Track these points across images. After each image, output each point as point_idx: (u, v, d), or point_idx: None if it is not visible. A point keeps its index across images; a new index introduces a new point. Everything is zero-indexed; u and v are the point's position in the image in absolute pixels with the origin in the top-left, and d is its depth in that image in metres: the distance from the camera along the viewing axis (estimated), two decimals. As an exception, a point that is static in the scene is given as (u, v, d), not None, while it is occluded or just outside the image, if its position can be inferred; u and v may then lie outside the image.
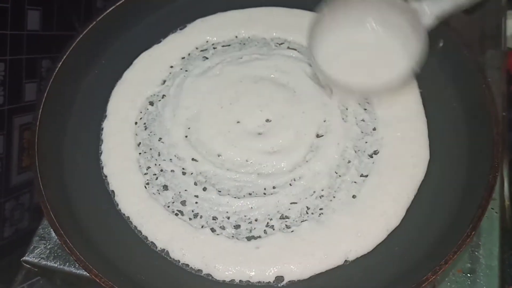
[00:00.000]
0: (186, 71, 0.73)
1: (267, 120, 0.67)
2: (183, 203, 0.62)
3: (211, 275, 0.57)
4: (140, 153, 0.66)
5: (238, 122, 0.67)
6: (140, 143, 0.67)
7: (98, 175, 0.65)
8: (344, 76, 0.63)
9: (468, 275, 0.60)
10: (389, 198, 0.60)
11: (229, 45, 0.75)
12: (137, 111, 0.70)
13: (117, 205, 0.62)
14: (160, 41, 0.76)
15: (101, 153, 0.66)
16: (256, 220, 0.60)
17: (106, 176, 0.64)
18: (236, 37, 0.76)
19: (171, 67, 0.74)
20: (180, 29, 0.77)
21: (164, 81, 0.72)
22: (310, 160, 0.63)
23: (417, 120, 0.65)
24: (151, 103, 0.70)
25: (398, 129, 0.65)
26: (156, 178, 0.64)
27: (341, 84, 0.63)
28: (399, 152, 0.63)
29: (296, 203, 0.61)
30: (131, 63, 0.74)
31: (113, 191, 0.63)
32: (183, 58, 0.75)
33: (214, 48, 0.75)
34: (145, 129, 0.68)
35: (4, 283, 0.73)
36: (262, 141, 0.65)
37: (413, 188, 0.61)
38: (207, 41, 0.76)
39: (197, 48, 0.75)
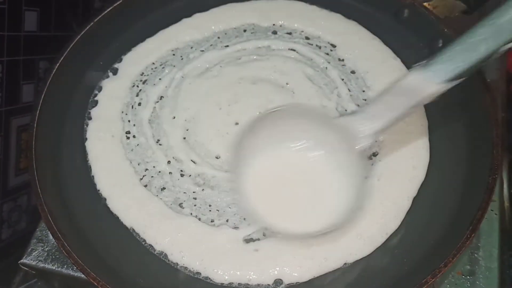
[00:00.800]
0: (181, 58, 0.73)
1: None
2: (181, 205, 0.62)
3: (209, 278, 0.57)
4: (137, 155, 0.66)
5: (236, 123, 0.67)
6: (138, 144, 0.67)
7: (96, 177, 0.65)
8: (271, 213, 0.55)
9: (468, 277, 0.60)
10: (388, 200, 0.59)
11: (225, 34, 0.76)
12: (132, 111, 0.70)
13: (113, 208, 0.62)
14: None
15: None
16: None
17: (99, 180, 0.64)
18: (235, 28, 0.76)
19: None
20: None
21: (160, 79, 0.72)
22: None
23: (417, 122, 0.65)
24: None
25: (398, 131, 0.64)
26: (154, 180, 0.64)
27: (268, 226, 0.55)
28: (399, 154, 0.63)
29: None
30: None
31: (108, 195, 0.63)
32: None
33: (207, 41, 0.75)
34: (142, 130, 0.68)
35: (2, 285, 0.72)
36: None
37: (413, 190, 0.60)
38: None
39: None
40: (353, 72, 0.70)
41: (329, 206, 0.54)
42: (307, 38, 0.74)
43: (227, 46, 0.74)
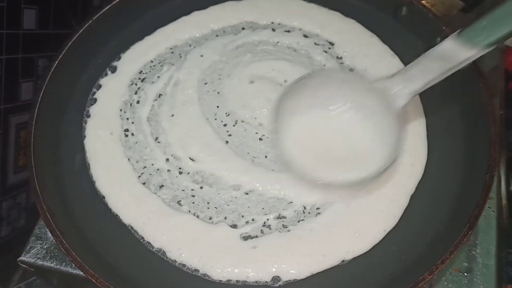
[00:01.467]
0: (180, 55, 0.73)
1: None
2: (180, 203, 0.62)
3: (207, 275, 0.57)
4: (135, 153, 0.66)
5: (235, 122, 0.67)
6: (136, 142, 0.67)
7: (94, 174, 0.65)
8: (312, 164, 0.57)
9: (465, 274, 0.60)
10: (386, 197, 0.60)
11: (224, 32, 0.76)
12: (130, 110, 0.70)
13: (112, 205, 0.62)
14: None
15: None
16: (252, 220, 0.60)
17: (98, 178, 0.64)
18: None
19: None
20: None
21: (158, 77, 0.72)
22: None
23: (415, 119, 0.65)
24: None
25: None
26: (153, 178, 0.64)
27: (308, 174, 0.57)
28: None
29: (292, 202, 0.61)
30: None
31: (107, 193, 0.63)
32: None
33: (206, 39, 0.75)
34: (141, 128, 0.68)
35: (1, 283, 0.72)
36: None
37: (410, 187, 0.61)
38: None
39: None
40: (351, 69, 0.70)
41: (365, 160, 0.57)
42: (305, 36, 0.74)
43: (225, 43, 0.74)
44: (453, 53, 0.52)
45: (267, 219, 0.60)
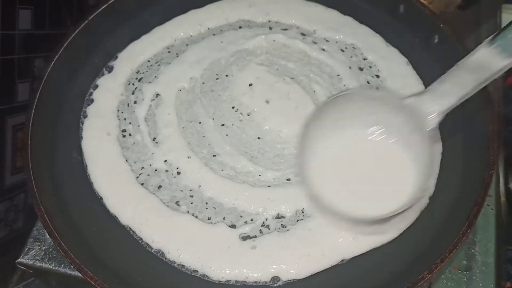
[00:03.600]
0: (177, 55, 0.73)
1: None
2: (178, 203, 0.62)
3: (207, 276, 0.57)
4: (133, 153, 0.66)
5: (232, 124, 0.67)
6: (134, 142, 0.67)
7: (92, 176, 0.65)
8: (339, 199, 0.53)
9: (464, 272, 0.60)
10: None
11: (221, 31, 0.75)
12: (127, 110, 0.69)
13: (110, 206, 0.62)
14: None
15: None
16: (251, 220, 0.60)
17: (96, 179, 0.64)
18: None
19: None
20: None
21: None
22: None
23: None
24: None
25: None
26: (151, 179, 0.64)
27: (335, 211, 0.54)
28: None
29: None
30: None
31: (105, 194, 0.63)
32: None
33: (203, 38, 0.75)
34: (138, 128, 0.68)
35: (0, 284, 0.72)
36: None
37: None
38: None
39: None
40: (349, 67, 0.70)
41: (398, 188, 0.53)
42: (302, 34, 0.74)
43: (222, 42, 0.74)
44: (487, 63, 0.48)
45: (266, 219, 0.60)
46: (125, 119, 0.68)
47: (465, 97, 0.51)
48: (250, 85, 0.69)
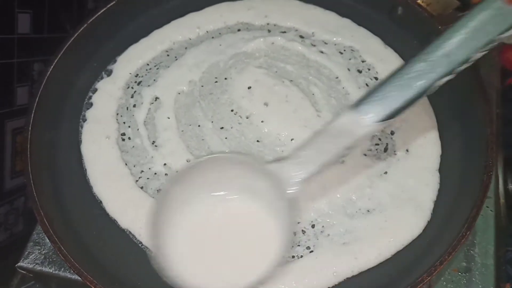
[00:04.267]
0: (176, 58, 0.73)
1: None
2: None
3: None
4: (133, 157, 0.66)
5: (231, 127, 0.67)
6: (133, 146, 0.67)
7: (91, 179, 0.65)
8: (199, 274, 0.50)
9: (464, 274, 0.60)
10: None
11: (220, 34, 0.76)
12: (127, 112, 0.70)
13: (110, 210, 0.62)
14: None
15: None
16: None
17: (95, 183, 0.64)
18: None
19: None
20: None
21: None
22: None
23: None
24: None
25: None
26: (150, 182, 0.64)
27: None
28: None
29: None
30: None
31: (104, 198, 0.63)
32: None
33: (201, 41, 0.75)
34: (137, 132, 0.68)
35: (0, 288, 0.72)
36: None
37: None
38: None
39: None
40: (348, 70, 0.70)
41: (260, 257, 0.50)
42: (301, 37, 0.74)
43: (220, 45, 0.74)
44: (350, 129, 0.47)
45: None
46: (124, 122, 0.69)
47: (329, 162, 0.48)
48: (249, 88, 0.69)
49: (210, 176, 0.52)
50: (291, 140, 0.64)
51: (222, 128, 0.67)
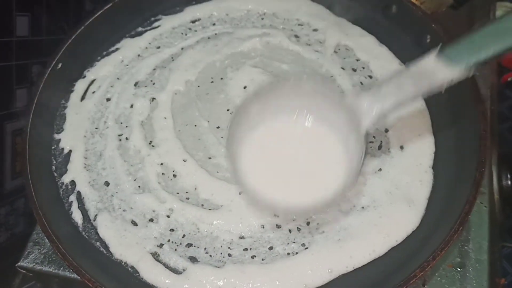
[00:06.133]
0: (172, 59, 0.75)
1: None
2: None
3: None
4: (129, 158, 0.67)
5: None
6: (130, 147, 0.67)
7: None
8: (270, 189, 0.52)
9: (458, 269, 0.60)
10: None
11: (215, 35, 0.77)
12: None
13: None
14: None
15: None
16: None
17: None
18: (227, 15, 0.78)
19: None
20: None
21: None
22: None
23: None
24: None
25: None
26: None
27: (265, 202, 0.52)
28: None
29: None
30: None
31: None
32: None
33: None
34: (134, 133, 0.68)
35: (2, 287, 0.73)
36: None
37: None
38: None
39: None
40: (343, 68, 0.71)
41: (327, 181, 0.52)
42: (296, 36, 0.75)
43: (216, 45, 0.75)
44: (432, 72, 0.47)
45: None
46: (121, 123, 0.69)
47: (404, 102, 0.49)
48: (245, 87, 0.70)
49: (288, 99, 0.54)
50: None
51: (218, 127, 0.67)
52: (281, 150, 0.55)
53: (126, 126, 0.69)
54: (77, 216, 0.63)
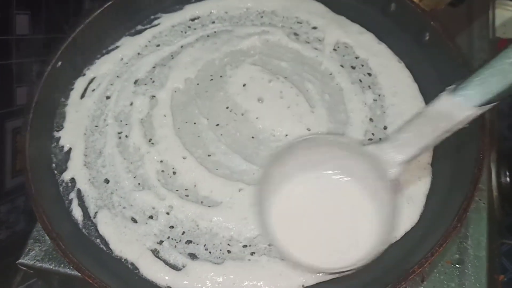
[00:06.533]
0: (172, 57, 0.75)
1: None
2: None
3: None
4: (129, 156, 0.67)
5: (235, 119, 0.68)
6: (129, 144, 0.68)
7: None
8: (301, 251, 0.51)
9: (457, 265, 0.61)
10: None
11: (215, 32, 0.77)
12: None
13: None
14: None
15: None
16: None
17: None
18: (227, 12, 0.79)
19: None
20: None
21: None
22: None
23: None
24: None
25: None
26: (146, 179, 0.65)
27: (294, 260, 0.52)
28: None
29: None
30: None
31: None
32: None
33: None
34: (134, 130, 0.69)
35: (2, 285, 0.73)
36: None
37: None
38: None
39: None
40: (342, 66, 0.71)
41: (359, 240, 0.52)
42: (295, 34, 0.75)
43: (215, 43, 0.75)
44: (449, 112, 0.46)
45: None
46: (121, 120, 0.70)
47: (427, 147, 0.49)
48: (244, 85, 0.70)
49: (306, 156, 0.54)
50: (286, 136, 0.65)
51: (217, 125, 0.68)
52: (310, 207, 0.54)
53: (126, 124, 0.69)
54: (77, 213, 0.63)
